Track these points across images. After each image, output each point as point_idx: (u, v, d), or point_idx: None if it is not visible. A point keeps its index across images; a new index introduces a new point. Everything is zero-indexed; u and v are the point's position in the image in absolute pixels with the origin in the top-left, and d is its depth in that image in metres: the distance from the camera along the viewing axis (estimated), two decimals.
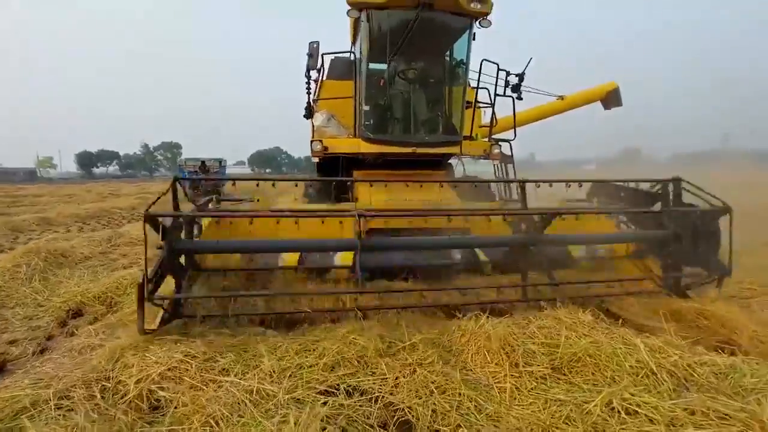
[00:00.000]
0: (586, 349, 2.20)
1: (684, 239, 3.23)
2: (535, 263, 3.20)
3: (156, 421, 1.84)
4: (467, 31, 4.45)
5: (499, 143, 5.66)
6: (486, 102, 4.95)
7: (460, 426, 1.84)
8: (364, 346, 2.38)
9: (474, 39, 4.50)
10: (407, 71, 4.61)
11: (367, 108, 4.53)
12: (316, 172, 5.98)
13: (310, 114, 4.68)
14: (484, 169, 8.10)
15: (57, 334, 3.09)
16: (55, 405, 1.88)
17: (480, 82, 4.71)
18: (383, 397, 2.04)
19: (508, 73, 4.70)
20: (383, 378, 2.17)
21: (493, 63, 4.56)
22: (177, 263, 2.79)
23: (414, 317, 2.93)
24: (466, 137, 4.79)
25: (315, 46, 4.36)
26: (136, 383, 2.03)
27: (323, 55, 4.41)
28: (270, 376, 2.12)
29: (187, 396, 1.93)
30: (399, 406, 1.98)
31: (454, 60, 4.92)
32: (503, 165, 7.08)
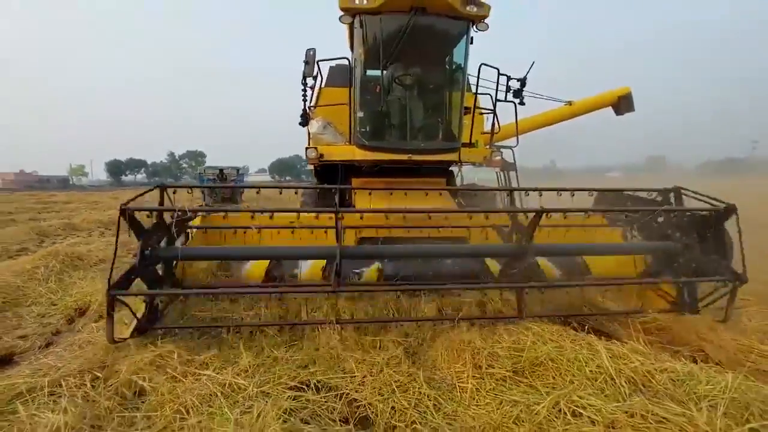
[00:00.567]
0: (548, 354, 2.26)
1: (692, 248, 3.05)
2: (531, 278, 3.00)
3: (135, 408, 2.00)
4: (464, 36, 4.35)
5: (501, 150, 5.64)
6: (487, 108, 4.79)
7: (415, 423, 1.93)
8: (337, 345, 2.51)
9: (471, 43, 4.41)
10: (403, 77, 4.54)
11: (362, 114, 4.50)
12: (314, 179, 5.93)
13: (306, 121, 4.64)
14: (488, 177, 8.09)
15: (64, 330, 3.32)
16: (48, 392, 2.07)
17: (480, 87, 4.59)
18: (348, 394, 2.15)
19: (509, 78, 4.57)
20: (352, 376, 2.29)
21: (493, 68, 4.43)
22: (151, 271, 2.78)
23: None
24: (465, 144, 4.67)
25: (311, 53, 4.31)
26: (122, 373, 2.22)
27: (319, 62, 4.37)
28: (245, 371, 2.27)
29: (166, 387, 2.09)
30: (362, 402, 2.09)
31: (451, 65, 4.82)
32: (506, 172, 7.06)
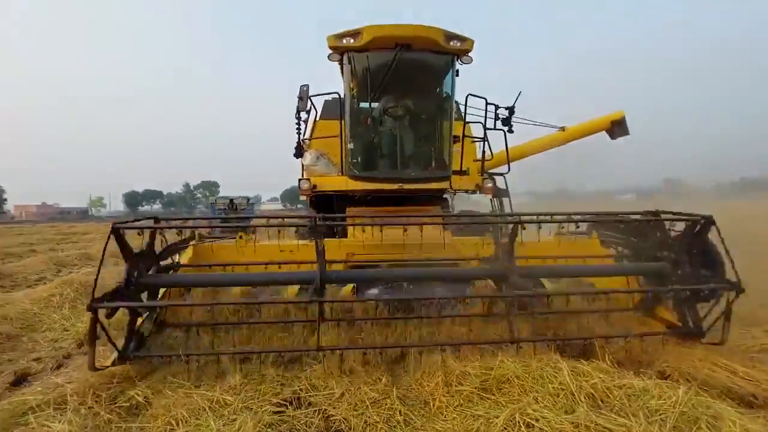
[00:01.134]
0: (515, 372, 2.40)
1: (682, 264, 3.05)
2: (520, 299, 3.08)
3: (131, 420, 2.21)
4: (450, 69, 4.57)
5: (493, 177, 5.85)
6: (478, 136, 4.95)
7: None
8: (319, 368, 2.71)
9: (457, 75, 4.62)
10: (392, 109, 4.74)
11: (352, 146, 4.69)
12: (311, 209, 5.99)
13: (300, 153, 4.86)
14: (481, 200, 8.22)
15: (74, 353, 3.57)
16: (55, 407, 2.30)
17: (469, 116, 4.76)
18: (326, 410, 2.32)
19: (497, 107, 4.73)
20: (331, 393, 2.46)
21: (481, 98, 4.60)
22: (136, 298, 2.81)
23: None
24: (456, 172, 4.81)
25: (305, 89, 4.52)
26: (123, 391, 2.44)
27: (311, 98, 4.62)
28: (233, 388, 2.46)
29: (160, 402, 2.30)
30: (337, 417, 2.26)
31: (438, 96, 5.02)
32: (498, 199, 7.23)
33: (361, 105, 5.07)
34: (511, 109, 4.81)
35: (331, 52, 4.43)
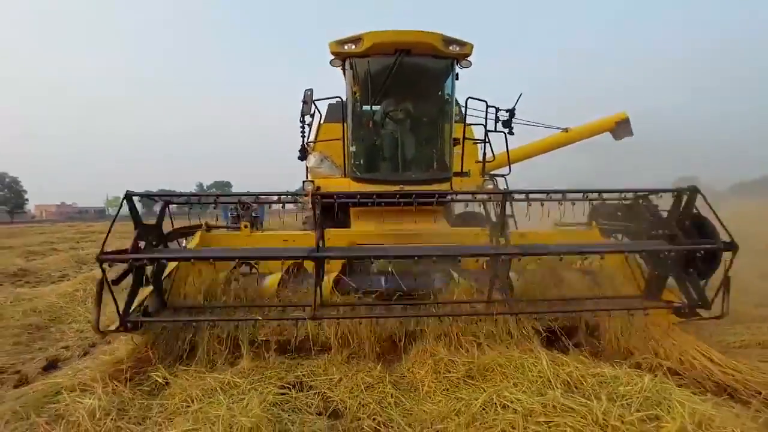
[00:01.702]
0: (497, 360, 2.61)
1: (678, 238, 3.01)
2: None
3: (151, 398, 2.49)
4: (449, 73, 4.68)
5: (494, 178, 6.00)
6: (480, 138, 5.08)
7: (376, 415, 2.32)
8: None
9: (457, 79, 4.73)
10: (394, 112, 4.89)
11: (354, 148, 4.88)
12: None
13: (304, 156, 5.09)
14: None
15: (98, 342, 3.88)
16: (83, 388, 2.57)
17: (470, 118, 4.87)
18: (325, 393, 2.56)
19: (497, 110, 4.87)
20: (331, 378, 2.70)
21: (481, 100, 4.74)
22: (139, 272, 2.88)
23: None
24: (457, 173, 4.92)
25: (309, 93, 4.71)
26: (144, 373, 2.73)
27: (315, 102, 4.78)
28: (242, 372, 2.72)
29: (177, 383, 2.58)
30: (335, 399, 2.50)
31: (439, 99, 5.15)
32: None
33: (363, 108, 5.24)
34: (512, 112, 4.97)
35: (333, 58, 4.60)
